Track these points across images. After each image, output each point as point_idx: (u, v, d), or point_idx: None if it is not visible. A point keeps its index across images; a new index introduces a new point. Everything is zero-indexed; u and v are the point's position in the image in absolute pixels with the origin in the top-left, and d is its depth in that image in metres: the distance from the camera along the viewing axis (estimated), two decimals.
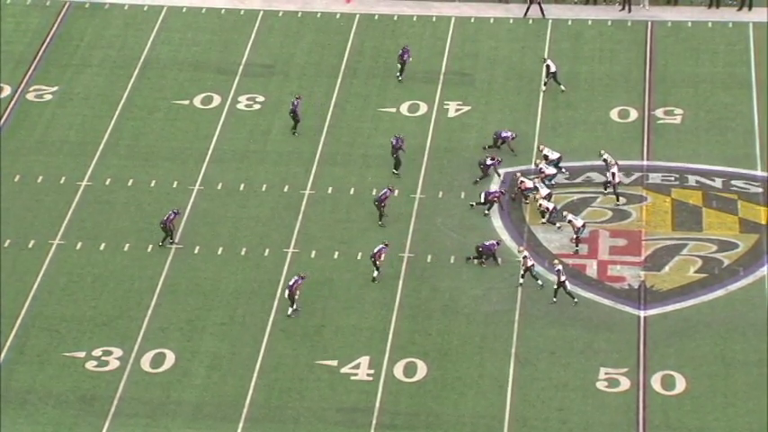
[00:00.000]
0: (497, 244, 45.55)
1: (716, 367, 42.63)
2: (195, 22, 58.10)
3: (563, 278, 44.16)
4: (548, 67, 53.67)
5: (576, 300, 44.32)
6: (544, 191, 47.88)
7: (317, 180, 49.84)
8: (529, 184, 48.04)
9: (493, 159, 49.19)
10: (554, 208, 47.54)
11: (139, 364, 42.92)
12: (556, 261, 44.93)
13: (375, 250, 45.18)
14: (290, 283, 44.07)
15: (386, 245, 45.34)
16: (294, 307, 44.12)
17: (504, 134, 50.24)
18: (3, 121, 52.77)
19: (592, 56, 55.88)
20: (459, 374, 42.40)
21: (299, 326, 44.06)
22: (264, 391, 42.02)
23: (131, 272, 46.10)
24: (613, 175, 48.21)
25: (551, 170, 48.97)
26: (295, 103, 51.69)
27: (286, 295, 44.13)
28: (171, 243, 46.64)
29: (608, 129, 52.07)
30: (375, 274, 45.28)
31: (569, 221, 46.58)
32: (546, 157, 49.35)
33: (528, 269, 44.97)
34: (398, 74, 54.12)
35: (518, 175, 48.82)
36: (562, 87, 53.72)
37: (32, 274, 45.98)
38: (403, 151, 49.59)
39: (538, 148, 50.01)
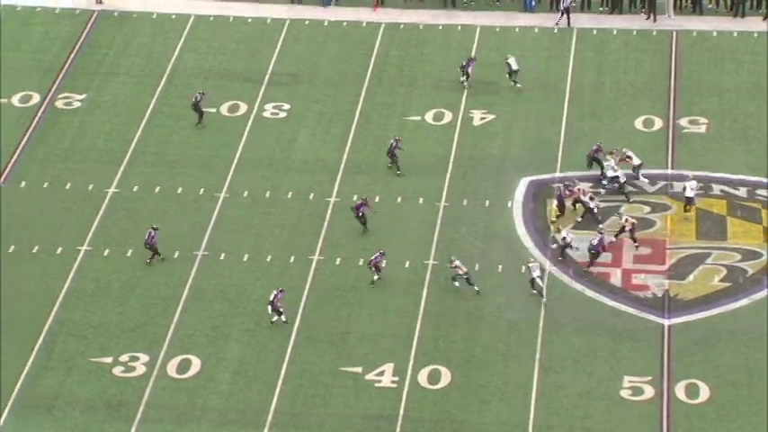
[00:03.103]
0: (382, 254, 45.35)
1: (740, 376, 42.53)
2: (222, 31, 58.30)
3: (534, 274, 44.41)
4: (509, 65, 53.77)
5: (540, 296, 44.69)
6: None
7: (342, 188, 49.92)
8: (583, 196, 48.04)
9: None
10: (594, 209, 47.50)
11: (166, 370, 43.04)
12: (531, 259, 45.00)
13: (372, 258, 45.16)
14: (271, 298, 43.97)
15: (382, 253, 45.26)
16: (283, 319, 44.04)
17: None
18: (32, 128, 53.03)
19: (617, 65, 55.86)
20: (482, 382, 42.40)
21: (324, 333, 44.14)
22: (289, 398, 42.10)
23: (158, 278, 46.25)
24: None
25: (612, 172, 48.67)
26: (198, 97, 52.28)
27: (269, 310, 44.04)
28: (160, 259, 46.45)
29: (633, 138, 51.99)
30: (375, 277, 45.28)
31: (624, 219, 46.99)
32: (629, 157, 48.96)
33: (466, 277, 44.89)
34: (464, 81, 54.12)
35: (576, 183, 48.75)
36: (518, 85, 53.91)
37: (60, 281, 46.17)
38: (400, 150, 49.63)
39: (620, 150, 49.60)
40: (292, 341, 43.92)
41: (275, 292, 44.19)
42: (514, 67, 53.94)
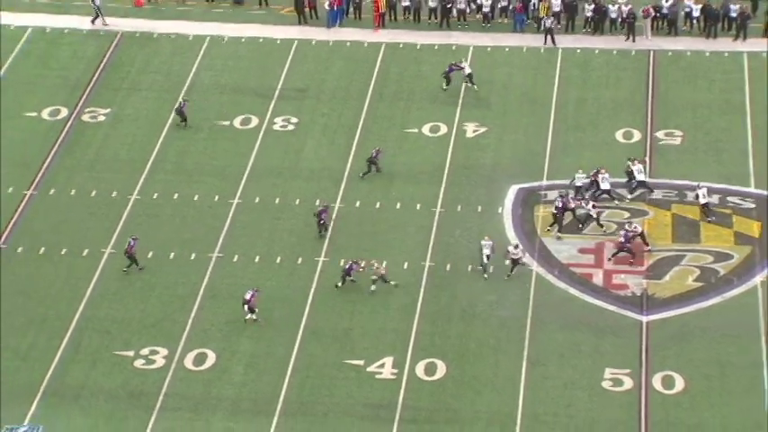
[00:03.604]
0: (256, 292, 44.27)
1: (712, 369, 42.43)
2: (235, 50, 58.24)
3: (485, 252, 45.10)
4: (463, 69, 54.16)
5: (484, 272, 45.19)
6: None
7: (345, 194, 49.81)
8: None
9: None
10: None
11: (183, 363, 42.97)
12: (486, 237, 45.66)
13: (346, 266, 44.85)
14: (247, 297, 43.67)
15: (355, 262, 44.93)
16: (254, 317, 43.76)
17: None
18: (60, 140, 52.96)
19: (598, 82, 55.77)
20: (475, 374, 42.31)
21: (329, 328, 44.04)
22: (297, 388, 42.01)
23: (176, 278, 46.16)
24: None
25: (607, 185, 48.45)
26: (182, 103, 52.84)
27: (245, 308, 43.75)
28: (138, 269, 45.99)
29: (613, 149, 51.90)
30: (339, 284, 44.97)
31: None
32: (629, 173, 48.89)
33: (382, 277, 44.73)
34: (445, 87, 54.47)
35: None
36: (475, 87, 54.14)
37: (86, 280, 46.08)
38: (376, 163, 49.83)
39: (632, 161, 49.35)
40: (300, 336, 43.82)
41: (251, 291, 43.94)
42: (467, 71, 54.20)
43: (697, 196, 48.07)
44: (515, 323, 44.10)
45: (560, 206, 47.32)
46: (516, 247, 45.38)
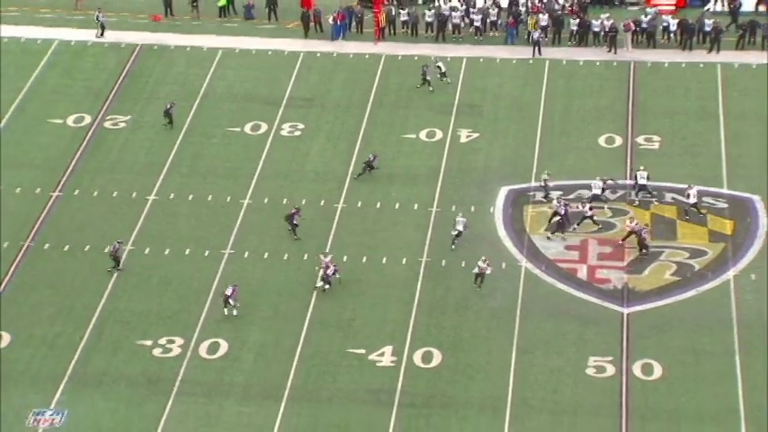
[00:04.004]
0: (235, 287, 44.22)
1: (688, 357, 42.51)
2: (246, 61, 58.30)
3: (459, 227, 45.53)
4: (439, 67, 55.00)
5: (453, 244, 45.50)
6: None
7: (348, 195, 49.88)
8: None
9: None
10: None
11: (197, 352, 43.04)
12: (460, 215, 46.08)
13: (323, 265, 44.75)
14: (228, 292, 43.69)
15: (331, 260, 44.77)
16: (234, 312, 43.72)
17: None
18: (84, 145, 53.04)
19: (583, 91, 55.84)
20: (468, 361, 42.40)
21: (333, 319, 44.11)
22: (303, 375, 42.09)
23: (191, 273, 46.24)
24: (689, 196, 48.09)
25: (597, 191, 48.44)
26: (168, 105, 53.08)
27: (229, 303, 43.72)
28: (117, 270, 45.68)
29: (596, 153, 52.00)
30: (319, 283, 44.70)
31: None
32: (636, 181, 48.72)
33: (332, 274, 44.64)
34: (424, 85, 55.14)
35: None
36: (449, 81, 54.88)
37: (108, 275, 46.16)
38: (372, 166, 50.05)
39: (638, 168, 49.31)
40: (306, 327, 43.88)
41: (232, 287, 43.91)
42: (443, 69, 55.14)
43: (688, 195, 48.08)
44: (506, 314, 44.19)
45: (563, 212, 47.13)
46: (485, 261, 44.65)
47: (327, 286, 44.59)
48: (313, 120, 54.32)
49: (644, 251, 46.28)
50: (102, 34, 59.21)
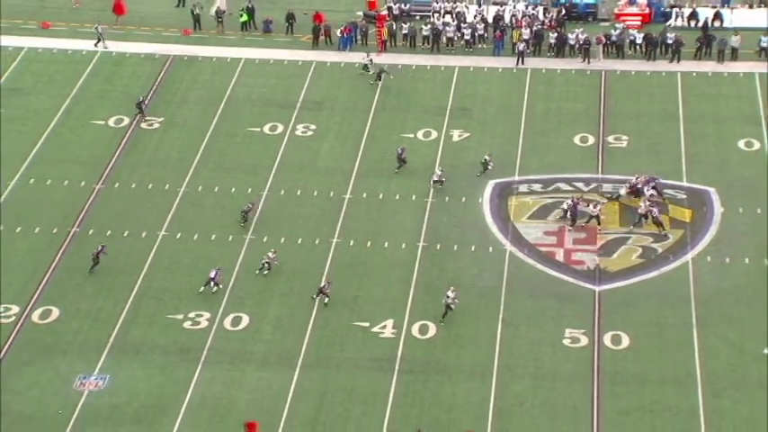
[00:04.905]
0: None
1: (652, 329, 42.40)
2: (265, 69, 58.04)
3: (435, 177, 44.66)
4: (366, 66, 55.74)
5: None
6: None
7: (354, 188, 49.69)
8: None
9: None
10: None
11: (223, 324, 42.93)
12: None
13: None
14: (212, 275, 43.48)
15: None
16: (213, 290, 43.43)
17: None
18: (123, 143, 52.84)
19: (560, 96, 55.57)
20: (460, 333, 42.25)
21: (341, 296, 43.94)
22: (314, 345, 41.97)
23: (217, 255, 46.04)
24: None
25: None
26: (140, 98, 53.38)
27: (212, 283, 43.53)
28: (92, 268, 44.56)
29: (572, 151, 51.76)
30: (325, 300, 43.24)
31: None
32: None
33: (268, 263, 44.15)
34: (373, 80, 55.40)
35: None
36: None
37: (144, 257, 46.03)
38: (404, 160, 49.80)
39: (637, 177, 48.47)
40: (317, 303, 43.75)
41: (215, 270, 43.57)
42: (369, 65, 55.74)
43: (635, 188, 47.89)
44: (492, 292, 44.03)
45: (572, 204, 46.57)
46: (453, 291, 42.30)
47: (327, 300, 42.98)
48: (323, 121, 54.08)
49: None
50: (98, 44, 58.67)
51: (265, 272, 44.39)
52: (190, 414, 39.46)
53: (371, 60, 56.40)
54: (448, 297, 42.47)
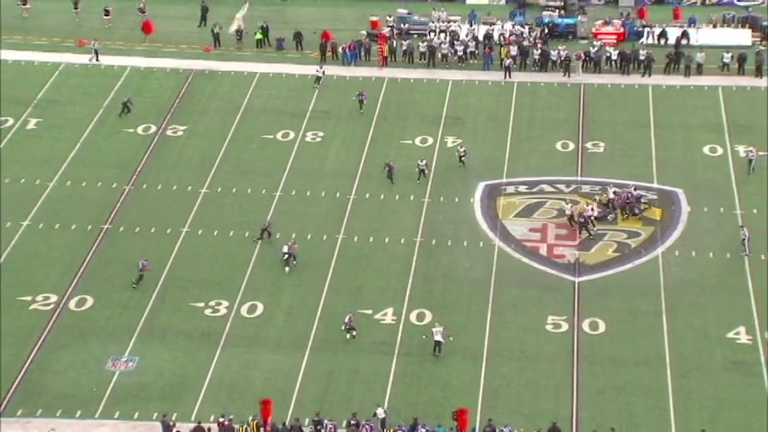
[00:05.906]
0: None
1: (626, 316, 42.42)
2: (278, 82, 57.97)
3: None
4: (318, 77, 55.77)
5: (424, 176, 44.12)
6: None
7: (358, 189, 49.63)
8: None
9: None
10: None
11: (240, 312, 42.90)
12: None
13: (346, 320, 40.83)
14: (285, 249, 43.53)
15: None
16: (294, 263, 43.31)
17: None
18: (150, 148, 52.82)
19: (544, 106, 55.51)
20: (453, 320, 42.20)
21: (346, 286, 43.93)
22: (323, 330, 41.96)
23: (234, 250, 46.03)
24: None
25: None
26: (128, 100, 53.61)
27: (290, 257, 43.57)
28: (137, 283, 43.22)
29: (554, 156, 51.71)
30: (352, 335, 40.95)
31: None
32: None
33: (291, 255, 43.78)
34: (361, 109, 54.23)
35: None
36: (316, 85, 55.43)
37: (169, 251, 46.00)
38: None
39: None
40: (324, 292, 43.73)
41: (143, 261, 43.24)
42: (320, 76, 56.03)
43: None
44: (482, 283, 44.01)
45: (570, 214, 46.34)
46: (440, 326, 40.25)
47: (354, 332, 40.71)
48: (330, 129, 54.03)
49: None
50: (92, 58, 58.35)
51: (294, 262, 44.09)
52: (210, 392, 39.48)
53: (324, 72, 56.24)
54: (433, 331, 39.85)
